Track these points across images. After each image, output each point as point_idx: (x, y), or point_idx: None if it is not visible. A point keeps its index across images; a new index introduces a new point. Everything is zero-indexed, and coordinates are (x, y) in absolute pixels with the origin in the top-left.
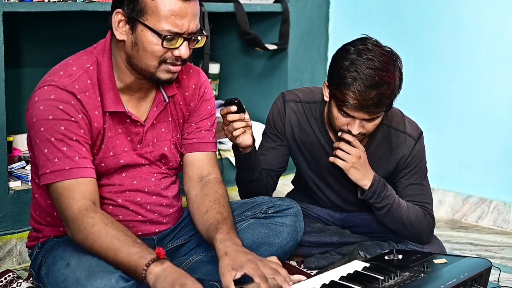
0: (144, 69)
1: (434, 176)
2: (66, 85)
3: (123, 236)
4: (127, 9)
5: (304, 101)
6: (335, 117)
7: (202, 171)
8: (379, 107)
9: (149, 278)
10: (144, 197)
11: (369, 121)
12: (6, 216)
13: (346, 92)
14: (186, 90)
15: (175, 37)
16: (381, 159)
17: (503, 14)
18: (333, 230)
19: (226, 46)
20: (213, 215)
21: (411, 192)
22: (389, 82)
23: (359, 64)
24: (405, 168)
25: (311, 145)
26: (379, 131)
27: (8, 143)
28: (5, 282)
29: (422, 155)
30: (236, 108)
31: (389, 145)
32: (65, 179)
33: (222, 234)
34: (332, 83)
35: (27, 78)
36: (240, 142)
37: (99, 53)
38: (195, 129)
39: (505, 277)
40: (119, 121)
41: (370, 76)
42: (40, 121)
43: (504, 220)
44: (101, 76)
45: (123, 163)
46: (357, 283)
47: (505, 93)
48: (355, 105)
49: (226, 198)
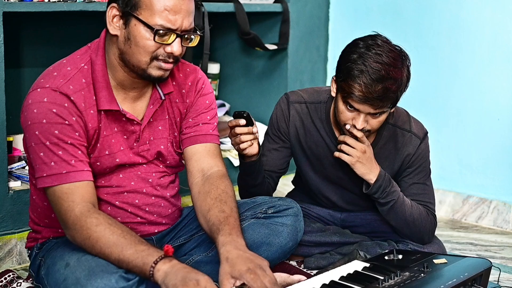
0: (136, 65)
1: (434, 176)
2: (60, 86)
3: (128, 235)
4: (121, 4)
5: (309, 102)
6: (340, 111)
7: (202, 165)
8: (384, 101)
9: (158, 276)
10: (143, 198)
11: (374, 116)
12: (6, 216)
13: (352, 84)
14: (183, 88)
15: (168, 32)
16: (387, 158)
17: (503, 14)
18: (333, 230)
19: (226, 46)
20: (215, 214)
21: (414, 191)
22: (395, 78)
23: (367, 57)
24: (409, 167)
25: (315, 145)
26: (385, 131)
27: (8, 143)
28: (5, 282)
29: (427, 154)
30: (245, 121)
31: (395, 145)
32: (62, 183)
33: (223, 236)
34: (339, 75)
35: (27, 78)
36: (246, 153)
37: (93, 52)
38: (192, 124)
39: (505, 277)
40: (115, 120)
41: (377, 69)
42: (35, 124)
43: (504, 220)
44: (94, 75)
45: (119, 162)
46: (357, 283)
47: (505, 93)
48: (360, 97)
49: (228, 193)
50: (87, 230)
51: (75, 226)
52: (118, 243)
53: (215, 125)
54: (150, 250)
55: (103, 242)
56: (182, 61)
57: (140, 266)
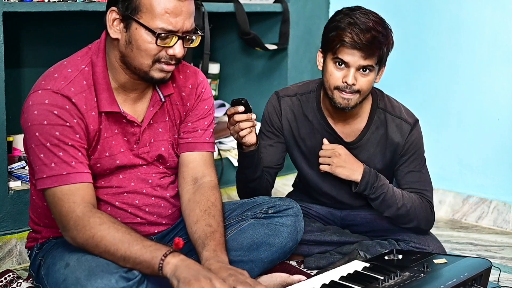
0: (138, 68)
1: (434, 176)
2: (61, 88)
3: (133, 232)
4: (121, 7)
5: (299, 94)
6: (330, 74)
7: (196, 173)
8: (373, 50)
9: (167, 269)
10: (143, 199)
11: (363, 74)
12: (6, 216)
13: (343, 33)
14: (183, 90)
15: (169, 35)
16: (378, 144)
17: (503, 14)
18: (333, 229)
19: (226, 46)
20: (201, 227)
21: (410, 179)
22: (382, 32)
23: (353, 15)
24: (404, 155)
25: (308, 137)
26: (376, 115)
27: (8, 143)
28: (5, 282)
29: (420, 142)
30: (243, 108)
31: (386, 130)
32: (62, 184)
33: (208, 251)
34: (327, 36)
35: (27, 78)
36: (246, 141)
37: (93, 54)
38: (191, 129)
39: (505, 277)
40: (115, 122)
41: (365, 21)
42: (35, 125)
43: (504, 220)
44: (95, 77)
45: (119, 163)
46: (357, 283)
47: (505, 93)
48: (351, 43)
49: (217, 207)
50: (90, 229)
51: (77, 227)
52: (124, 239)
53: (211, 131)
54: (158, 245)
55: (108, 240)
56: (182, 62)
57: (149, 260)
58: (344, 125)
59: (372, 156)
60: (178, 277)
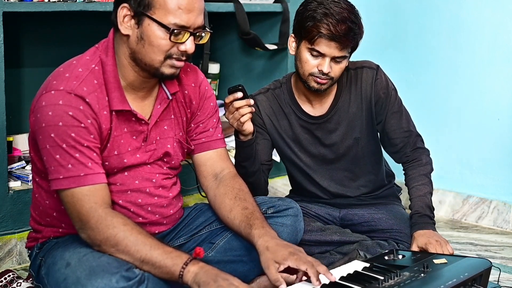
0: (149, 64)
1: (434, 176)
2: (74, 88)
3: (153, 237)
4: (133, 4)
5: (271, 89)
6: (304, 61)
7: (215, 169)
8: (349, 40)
9: (188, 276)
10: (145, 198)
11: (336, 62)
12: (6, 216)
13: (319, 24)
14: (185, 88)
15: (182, 31)
16: (354, 101)
17: (503, 14)
18: (333, 229)
19: (226, 46)
20: (239, 212)
21: (396, 122)
22: (355, 21)
23: (326, 4)
24: (378, 101)
25: (289, 127)
26: (341, 78)
27: (8, 143)
28: (5, 282)
29: (389, 83)
30: (242, 94)
31: (355, 83)
32: (81, 185)
33: (257, 229)
34: (302, 25)
35: (27, 78)
36: (246, 129)
37: (102, 53)
38: (202, 129)
39: (505, 277)
40: (125, 120)
41: (339, 12)
42: (50, 127)
43: (504, 220)
44: (106, 75)
45: (127, 163)
46: (357, 283)
47: (505, 93)
48: (329, 35)
49: (244, 190)
50: (113, 228)
51: (98, 226)
52: (147, 242)
53: (220, 127)
54: (178, 252)
55: (131, 240)
56: None
57: (169, 266)
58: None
59: (351, 123)
60: (198, 282)
